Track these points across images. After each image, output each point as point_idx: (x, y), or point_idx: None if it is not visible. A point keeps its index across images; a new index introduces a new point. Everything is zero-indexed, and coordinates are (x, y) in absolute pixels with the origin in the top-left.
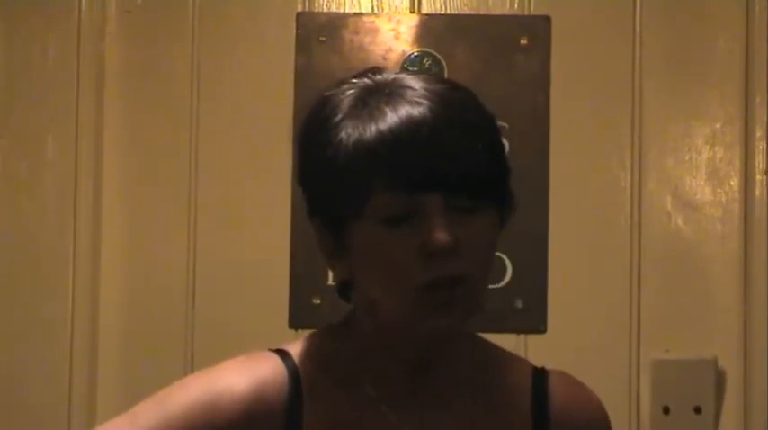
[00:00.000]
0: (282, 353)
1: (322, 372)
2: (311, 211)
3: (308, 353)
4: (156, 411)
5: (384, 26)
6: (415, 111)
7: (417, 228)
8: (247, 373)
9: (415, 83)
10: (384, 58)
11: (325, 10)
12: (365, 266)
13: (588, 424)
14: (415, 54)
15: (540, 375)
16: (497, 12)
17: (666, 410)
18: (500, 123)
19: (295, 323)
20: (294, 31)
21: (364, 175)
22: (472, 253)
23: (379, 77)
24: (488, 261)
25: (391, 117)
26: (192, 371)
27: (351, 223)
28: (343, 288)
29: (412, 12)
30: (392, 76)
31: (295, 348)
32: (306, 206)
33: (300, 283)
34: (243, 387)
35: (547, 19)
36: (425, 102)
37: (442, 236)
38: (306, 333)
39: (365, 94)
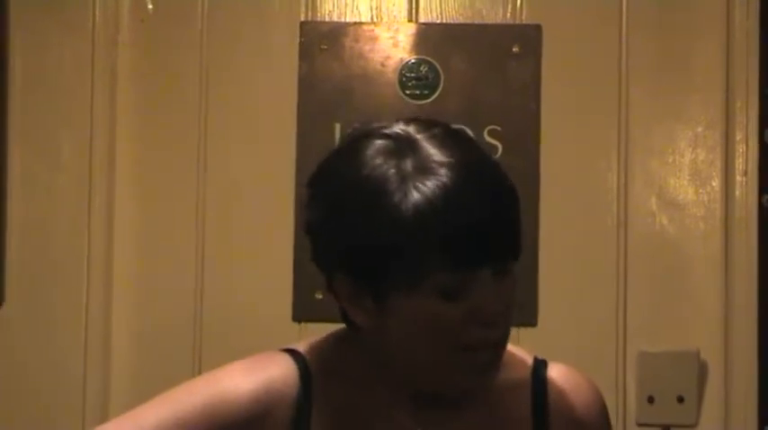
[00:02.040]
0: (293, 353)
1: (332, 374)
2: (341, 268)
3: (320, 354)
4: (166, 408)
5: (383, 34)
6: (469, 191)
7: (469, 298)
8: (257, 373)
9: (448, 156)
10: (383, 65)
11: (327, 19)
12: (408, 332)
13: (586, 413)
14: (413, 61)
15: (540, 366)
16: (491, 21)
17: (651, 400)
18: (493, 126)
19: (298, 317)
20: (298, 40)
21: (422, 255)
22: (509, 313)
23: (416, 156)
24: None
25: (447, 199)
26: (201, 363)
27: (399, 293)
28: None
29: (409, 21)
30: (424, 149)
31: (307, 348)
32: (329, 260)
33: (303, 279)
34: (251, 386)
35: (538, 28)
36: (472, 176)
37: (496, 308)
38: (319, 334)
39: (406, 168)
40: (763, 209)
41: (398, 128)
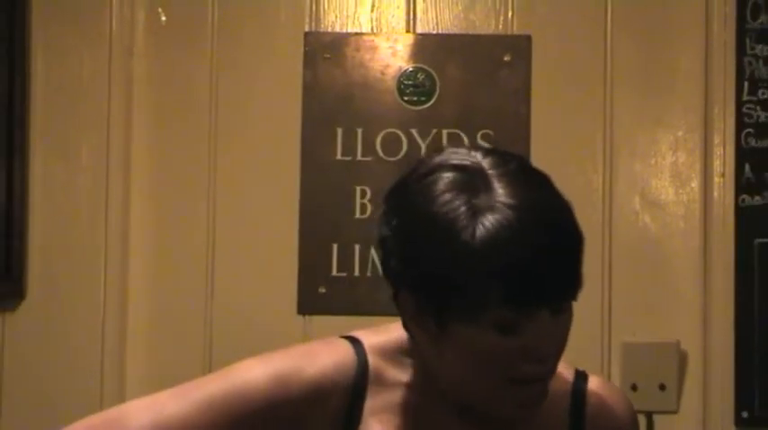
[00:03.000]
0: (354, 341)
1: (389, 368)
2: (408, 287)
3: (379, 344)
4: (225, 382)
5: (382, 44)
6: (534, 234)
7: (525, 334)
8: (319, 358)
9: (518, 196)
10: (382, 73)
11: (329, 30)
12: (464, 358)
13: (620, 427)
14: (410, 69)
15: (580, 379)
16: (484, 31)
17: (635, 387)
18: (486, 131)
19: (303, 310)
20: (302, 49)
21: (484, 291)
22: (560, 350)
23: (486, 193)
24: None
25: (511, 239)
26: (211, 352)
27: (459, 322)
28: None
29: (407, 31)
30: (495, 187)
31: (368, 337)
32: (397, 276)
33: (307, 274)
34: (314, 370)
35: (528, 38)
36: (539, 219)
37: (551, 347)
38: (390, 324)
39: (475, 206)
40: (740, 208)
41: (473, 160)
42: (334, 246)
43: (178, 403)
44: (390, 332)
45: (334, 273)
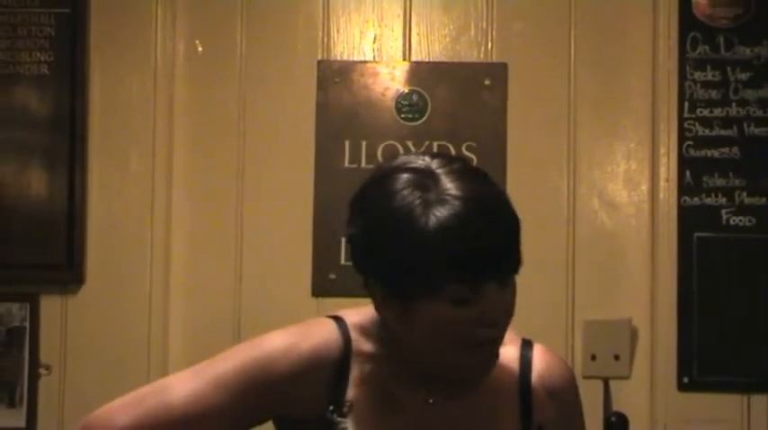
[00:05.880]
0: (338, 319)
1: (367, 338)
2: (375, 275)
3: (359, 322)
4: (232, 362)
5: (383, 70)
6: (478, 220)
7: (479, 305)
8: (311, 336)
9: (462, 189)
10: (383, 95)
11: (338, 59)
12: (427, 330)
13: (561, 387)
14: (406, 91)
15: (526, 347)
16: (468, 60)
17: (593, 357)
18: (470, 143)
19: (316, 293)
20: (315, 75)
21: (440, 272)
22: (509, 317)
23: (436, 188)
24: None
25: (459, 225)
26: (240, 325)
27: (421, 300)
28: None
29: (404, 60)
30: (443, 183)
31: (349, 316)
32: (364, 267)
33: (320, 263)
34: (307, 346)
35: (504, 65)
36: (481, 207)
37: (500, 313)
38: (365, 305)
39: (427, 199)
40: (682, 208)
41: (423, 162)
42: (343, 240)
43: (189, 384)
44: (368, 312)
45: (343, 262)
